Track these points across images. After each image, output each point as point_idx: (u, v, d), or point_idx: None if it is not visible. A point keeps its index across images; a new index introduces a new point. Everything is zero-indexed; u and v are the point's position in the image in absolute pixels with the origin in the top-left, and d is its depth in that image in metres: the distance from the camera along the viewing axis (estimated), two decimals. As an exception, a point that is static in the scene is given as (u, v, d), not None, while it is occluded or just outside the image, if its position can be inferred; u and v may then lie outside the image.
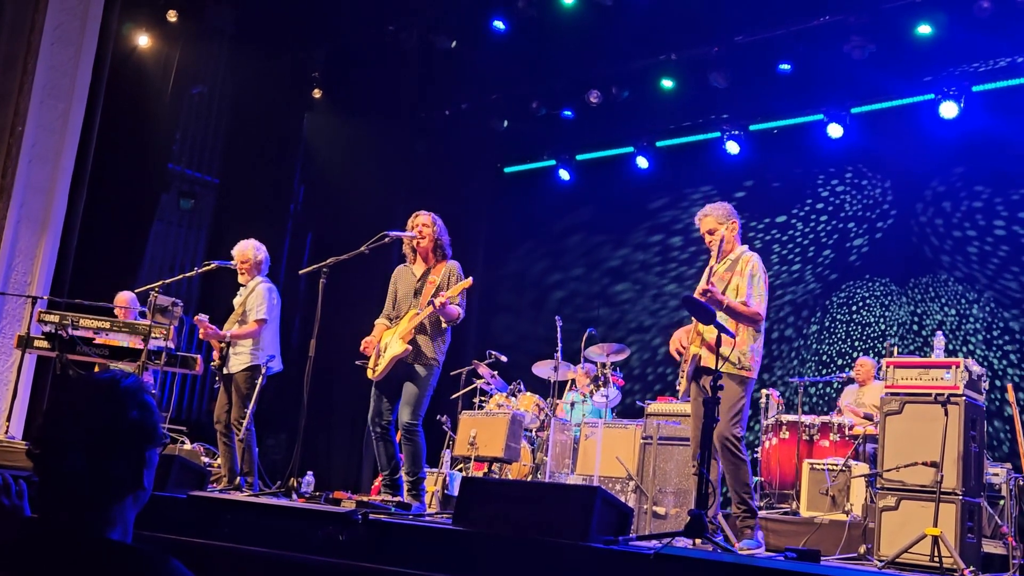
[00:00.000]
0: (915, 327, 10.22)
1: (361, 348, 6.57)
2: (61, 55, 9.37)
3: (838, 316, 10.77)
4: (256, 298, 7.44)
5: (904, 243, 10.44)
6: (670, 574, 3.67)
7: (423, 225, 6.63)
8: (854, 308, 10.69)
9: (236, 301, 7.58)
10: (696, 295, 5.56)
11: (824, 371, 10.49)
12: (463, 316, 6.51)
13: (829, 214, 11.17)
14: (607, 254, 12.84)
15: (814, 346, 10.79)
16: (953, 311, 10.00)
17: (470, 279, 6.50)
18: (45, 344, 7.67)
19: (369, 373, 6.56)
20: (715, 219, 5.88)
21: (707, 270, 5.94)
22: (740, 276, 5.77)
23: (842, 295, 10.76)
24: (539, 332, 12.23)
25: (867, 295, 10.61)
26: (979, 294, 9.89)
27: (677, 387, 6.03)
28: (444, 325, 6.53)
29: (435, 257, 6.66)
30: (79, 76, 9.52)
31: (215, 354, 7.44)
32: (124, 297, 8.83)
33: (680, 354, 5.90)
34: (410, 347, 6.36)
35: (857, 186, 11.06)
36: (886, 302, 10.47)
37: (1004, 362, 9.54)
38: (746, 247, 5.99)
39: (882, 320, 10.46)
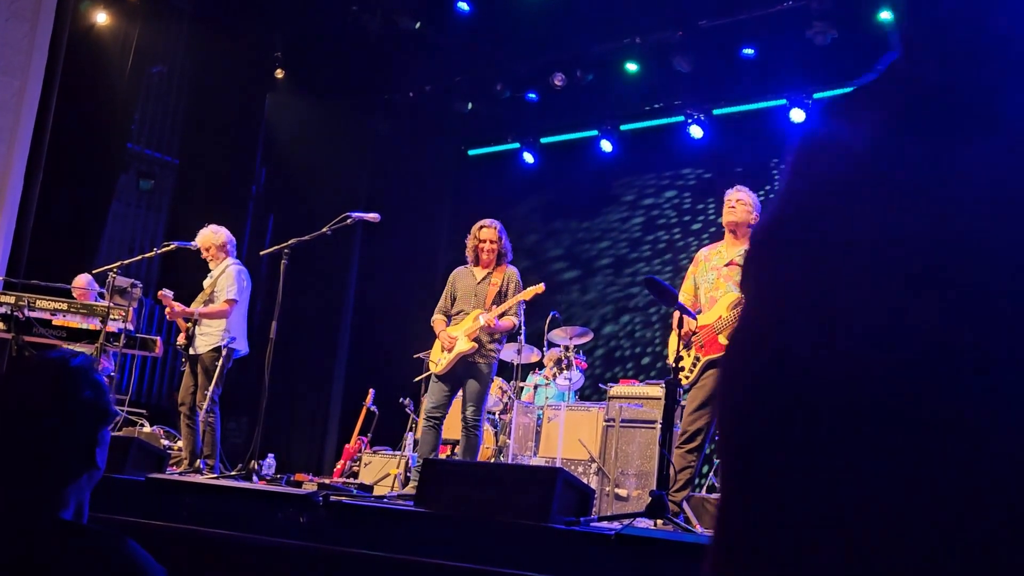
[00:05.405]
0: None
1: (443, 343, 6.73)
2: (16, 31, 9.19)
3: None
4: (227, 279, 7.41)
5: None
6: (631, 555, 3.69)
7: (490, 240, 6.91)
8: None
9: (206, 282, 7.53)
10: None
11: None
12: (520, 323, 6.68)
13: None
14: (570, 237, 12.84)
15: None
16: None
17: (541, 286, 6.64)
18: (0, 325, 7.56)
19: (432, 367, 6.76)
20: (753, 204, 5.84)
21: (713, 249, 5.95)
22: None
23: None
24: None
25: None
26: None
27: (688, 375, 5.54)
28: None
29: (497, 262, 6.92)
30: (35, 53, 9.34)
31: (181, 335, 7.38)
32: (82, 279, 8.70)
33: (689, 340, 5.67)
34: (475, 344, 6.61)
35: (818, 171, 11.12)
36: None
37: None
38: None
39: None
